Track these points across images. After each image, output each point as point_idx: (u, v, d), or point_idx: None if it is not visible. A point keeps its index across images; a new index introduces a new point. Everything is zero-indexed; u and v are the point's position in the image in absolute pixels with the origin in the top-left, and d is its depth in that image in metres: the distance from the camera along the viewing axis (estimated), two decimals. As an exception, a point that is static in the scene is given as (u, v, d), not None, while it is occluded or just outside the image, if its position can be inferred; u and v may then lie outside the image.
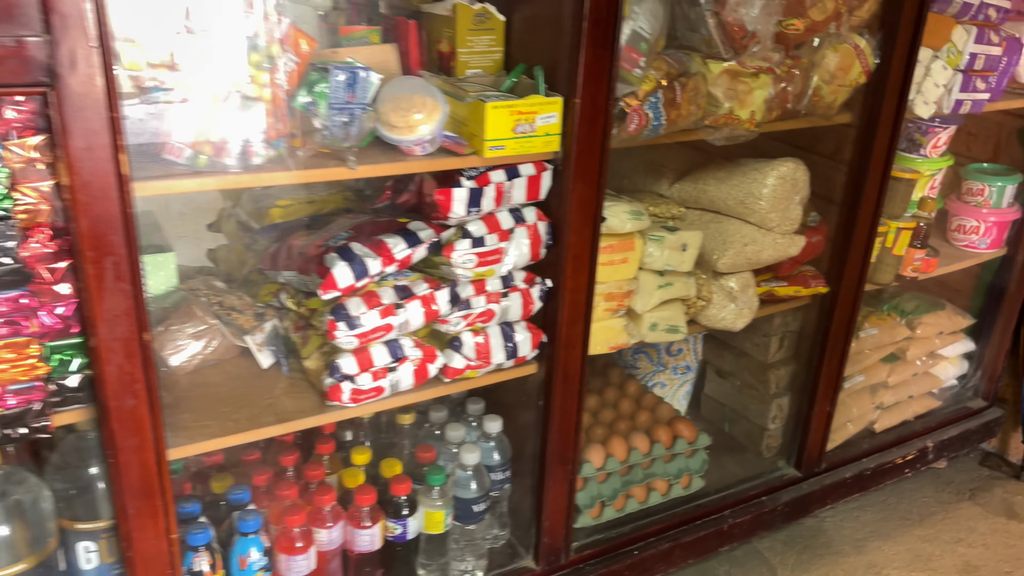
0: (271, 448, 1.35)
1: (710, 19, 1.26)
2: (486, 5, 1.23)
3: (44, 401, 0.95)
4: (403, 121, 1.07)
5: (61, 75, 0.82)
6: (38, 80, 0.81)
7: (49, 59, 0.81)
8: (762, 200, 1.43)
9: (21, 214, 0.89)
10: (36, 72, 0.81)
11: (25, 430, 0.95)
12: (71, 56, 0.81)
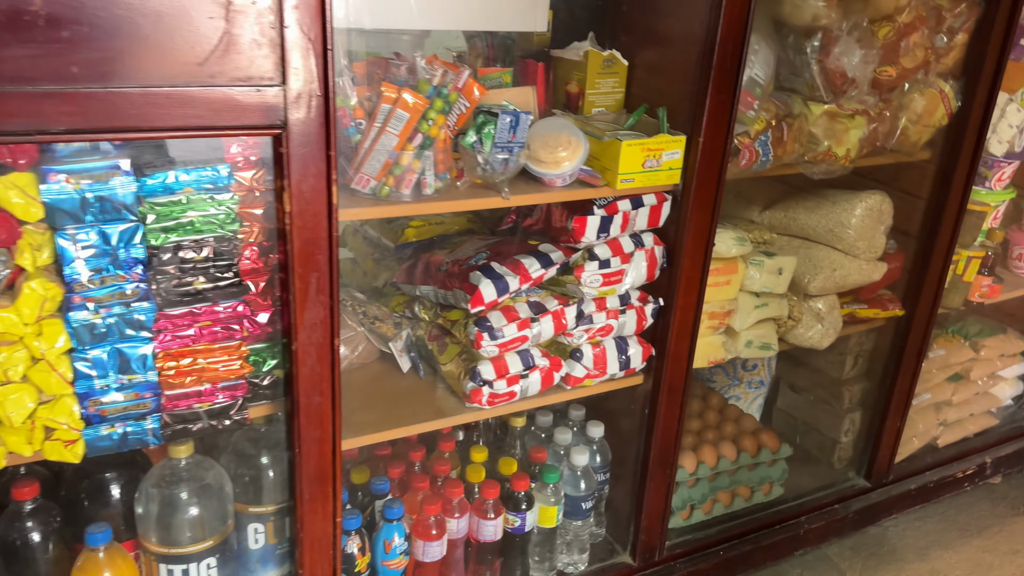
0: (399, 445, 1.48)
1: (815, 66, 1.39)
2: (613, 52, 1.36)
3: (244, 397, 1.09)
4: (551, 157, 1.21)
5: (291, 119, 0.96)
6: (274, 123, 0.95)
7: (283, 106, 0.95)
8: (851, 229, 1.55)
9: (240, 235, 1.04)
10: (273, 116, 0.95)
11: (228, 422, 1.09)
12: (301, 103, 0.95)
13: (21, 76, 0.82)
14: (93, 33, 0.83)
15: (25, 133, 0.84)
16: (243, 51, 0.90)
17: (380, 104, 1.06)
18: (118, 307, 0.96)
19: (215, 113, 0.91)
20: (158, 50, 0.86)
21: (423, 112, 1.08)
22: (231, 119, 0.93)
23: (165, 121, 0.89)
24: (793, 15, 1.35)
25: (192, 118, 0.91)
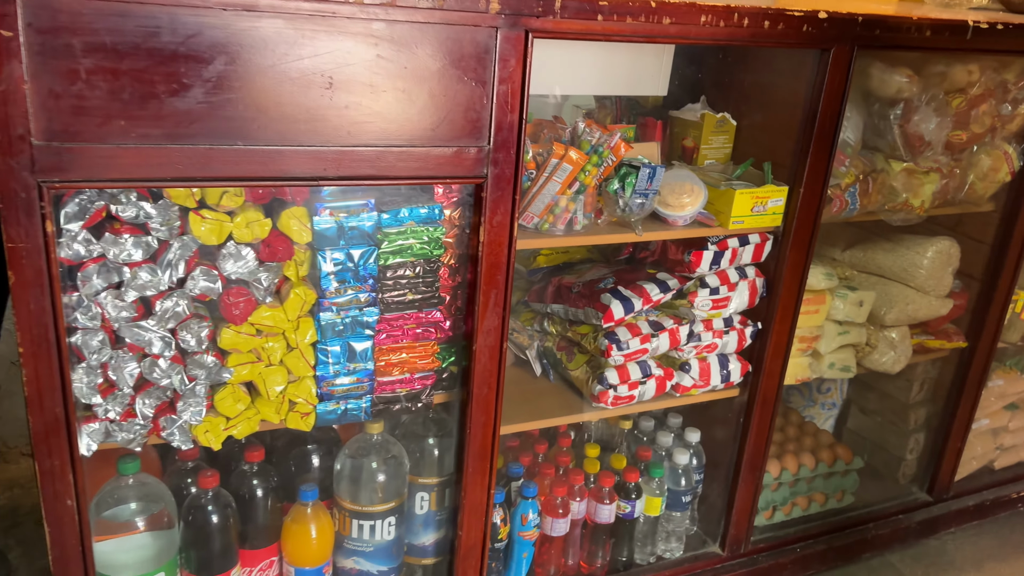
0: (525, 438, 1.74)
1: (896, 130, 1.64)
2: (725, 114, 1.63)
3: (431, 385, 1.37)
4: (677, 202, 1.47)
5: (491, 172, 1.24)
6: (478, 174, 1.23)
7: (486, 161, 1.23)
8: (922, 269, 1.78)
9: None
10: (478, 169, 1.23)
11: (420, 404, 1.36)
12: (499, 159, 1.23)
13: (308, 141, 1.11)
14: (367, 106, 1.12)
15: (306, 179, 1.13)
16: (462, 121, 1.19)
17: (550, 159, 1.34)
18: (354, 311, 1.24)
19: (438, 166, 1.20)
20: (408, 122, 1.15)
21: (583, 166, 1.36)
22: (448, 171, 1.21)
23: (402, 172, 1.18)
24: (880, 88, 1.60)
25: (421, 170, 1.19)
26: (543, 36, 1.19)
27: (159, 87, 1.00)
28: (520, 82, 1.20)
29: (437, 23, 1.12)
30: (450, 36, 1.14)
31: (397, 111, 1.14)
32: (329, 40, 1.07)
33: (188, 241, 1.12)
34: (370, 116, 1.12)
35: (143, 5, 0.97)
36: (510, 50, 1.17)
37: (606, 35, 1.24)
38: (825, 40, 1.40)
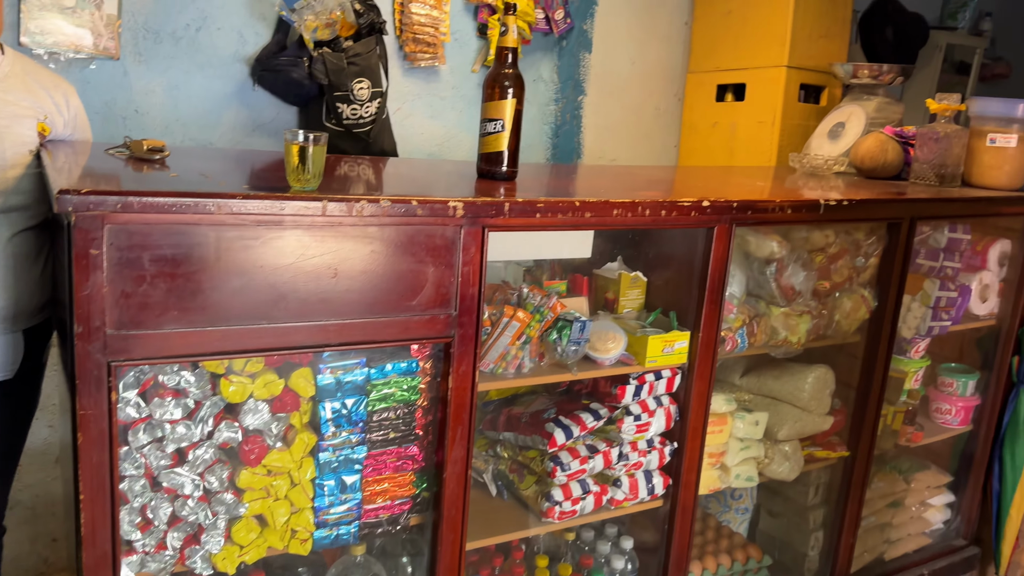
0: (483, 552, 1.99)
1: (773, 283, 2.05)
2: (637, 273, 2.01)
3: (409, 510, 1.63)
4: (603, 347, 1.82)
5: (457, 332, 1.56)
6: (447, 334, 1.55)
7: (454, 323, 1.55)
8: (805, 392, 2.16)
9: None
10: (447, 330, 1.55)
11: (399, 526, 1.62)
12: (464, 322, 1.56)
13: (317, 317, 1.41)
14: (363, 288, 1.44)
15: (314, 347, 1.43)
16: (434, 294, 1.51)
17: (502, 318, 1.68)
18: (346, 450, 1.52)
19: (416, 330, 1.51)
20: (393, 297, 1.47)
21: (528, 323, 1.69)
22: (424, 333, 1.53)
23: (388, 336, 1.49)
24: (757, 251, 2.02)
25: (403, 333, 1.50)
26: (496, 229, 1.54)
27: (204, 284, 1.30)
28: (479, 263, 1.54)
29: (417, 225, 1.46)
30: (426, 234, 1.48)
31: (385, 289, 1.46)
32: (335, 242, 1.39)
33: (217, 400, 1.39)
34: (365, 295, 1.44)
35: (195, 226, 1.28)
36: (471, 241, 1.52)
37: (543, 226, 1.61)
38: (709, 221, 1.80)
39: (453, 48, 2.75)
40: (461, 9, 2.72)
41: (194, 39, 2.33)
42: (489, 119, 1.74)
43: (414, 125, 2.76)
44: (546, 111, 3.04)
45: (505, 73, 1.72)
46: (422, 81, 2.73)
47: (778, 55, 2.87)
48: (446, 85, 2.78)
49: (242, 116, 2.44)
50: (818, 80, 2.96)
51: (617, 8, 3.09)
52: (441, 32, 2.64)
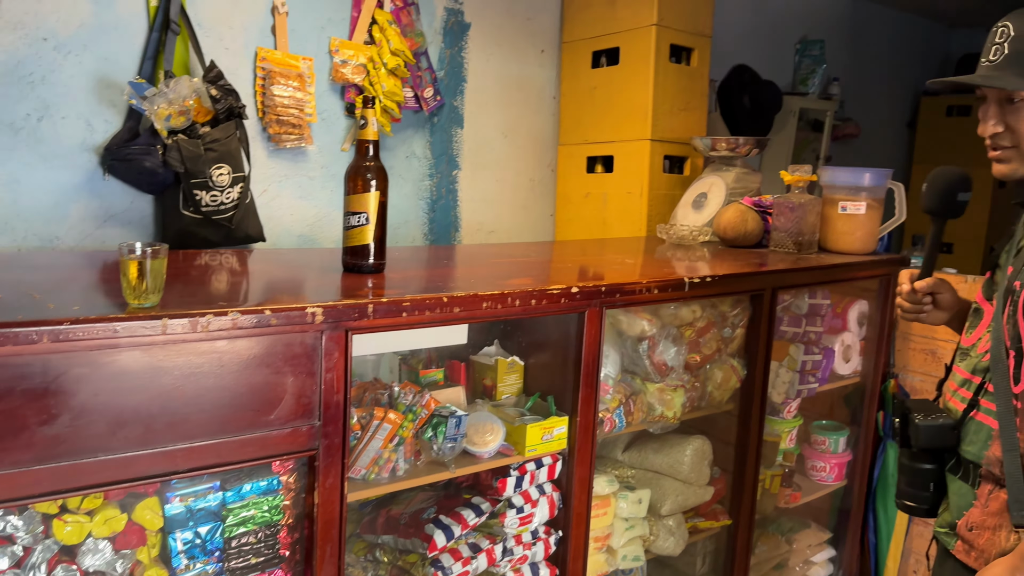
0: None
1: (646, 360, 2.06)
2: (514, 358, 1.98)
3: (277, 638, 1.51)
4: (481, 440, 1.77)
5: (322, 444, 1.47)
6: (313, 447, 1.46)
7: (318, 435, 1.47)
8: (685, 465, 2.18)
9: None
10: (312, 443, 1.46)
11: (266, 658, 1.49)
12: (328, 432, 1.48)
13: (163, 443, 1.30)
14: (215, 406, 1.34)
15: (161, 476, 1.31)
16: (295, 406, 1.43)
17: (373, 420, 1.60)
18: (203, 581, 1.39)
19: (276, 446, 1.42)
20: (249, 412, 1.38)
21: (401, 423, 1.63)
22: (285, 448, 1.43)
23: (244, 455, 1.39)
24: (629, 329, 2.04)
25: (261, 451, 1.41)
26: (360, 332, 1.48)
27: (31, 420, 1.17)
28: (343, 369, 1.47)
29: (273, 335, 1.38)
30: (284, 343, 1.40)
31: (239, 406, 1.37)
32: (181, 359, 1.29)
33: (50, 544, 1.25)
34: (216, 414, 1.34)
35: (18, 358, 1.16)
36: (334, 347, 1.45)
37: (411, 325, 1.56)
38: (579, 306, 1.80)
39: (321, 128, 2.69)
40: (327, 89, 2.68)
41: (35, 129, 2.18)
42: (353, 212, 1.70)
43: (282, 207, 2.67)
44: (421, 187, 3.02)
45: (367, 166, 1.68)
46: (289, 162, 2.66)
47: (641, 129, 2.97)
48: (315, 165, 2.72)
49: (92, 207, 2.29)
50: (681, 151, 3.08)
51: (486, 85, 3.13)
52: (307, 113, 2.59)
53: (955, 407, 1.52)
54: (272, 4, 2.52)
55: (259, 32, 2.52)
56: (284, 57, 2.51)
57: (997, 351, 1.39)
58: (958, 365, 1.55)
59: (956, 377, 1.55)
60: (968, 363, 1.52)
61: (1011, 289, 1.40)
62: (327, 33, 2.65)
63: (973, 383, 1.48)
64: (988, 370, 1.43)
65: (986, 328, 1.48)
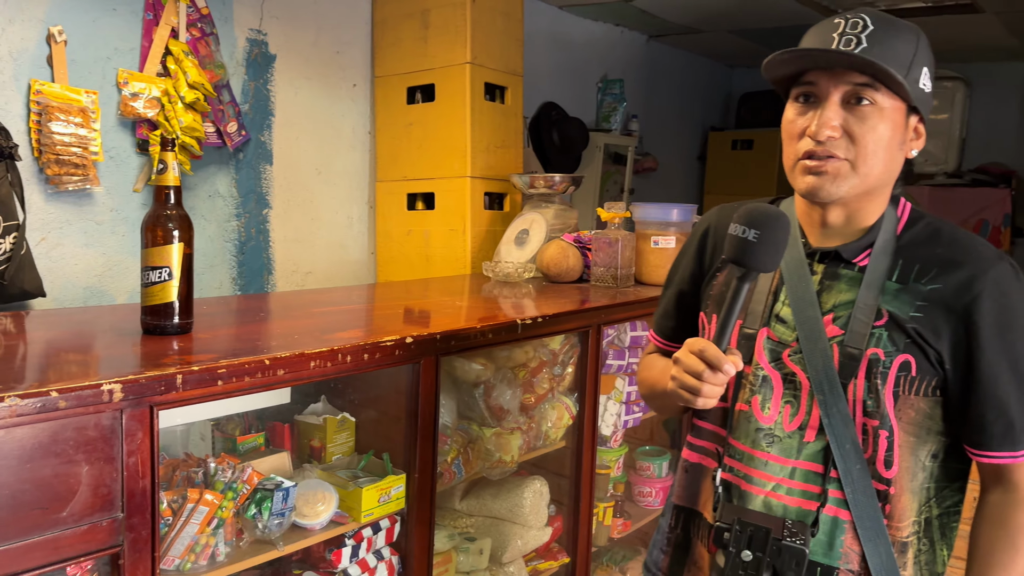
0: None
1: (482, 404, 2.01)
2: (345, 414, 1.86)
3: None
4: (312, 511, 1.63)
5: (127, 535, 1.28)
6: (116, 543, 1.26)
7: (122, 529, 1.27)
8: (524, 508, 2.14)
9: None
10: (114, 538, 1.26)
11: None
12: (134, 522, 1.28)
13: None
14: (-16, 513, 1.11)
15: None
16: (92, 498, 1.23)
17: (186, 504, 1.42)
18: None
19: (70, 547, 1.21)
20: (34, 512, 1.16)
21: (220, 504, 1.45)
22: (82, 549, 1.23)
23: (29, 564, 1.17)
24: (464, 375, 1.98)
25: (52, 555, 1.19)
26: (168, 407, 1.31)
27: None
28: (148, 451, 1.29)
29: (62, 419, 1.18)
30: (75, 427, 1.20)
31: (21, 505, 1.15)
32: (-60, 462, 1.07)
33: None
34: None
35: None
36: (137, 426, 1.27)
37: (227, 394, 1.40)
38: (414, 356, 1.71)
39: (109, 167, 2.42)
40: (115, 124, 2.42)
41: None
42: (153, 267, 1.51)
43: (65, 256, 2.37)
44: (227, 228, 2.80)
45: (168, 215, 1.51)
46: (72, 206, 2.36)
47: (461, 166, 2.95)
48: (103, 208, 2.43)
49: None
50: (500, 188, 3.09)
51: (295, 119, 2.98)
52: (92, 151, 2.31)
53: (785, 503, 1.16)
54: (48, 32, 2.24)
55: (32, 63, 2.22)
56: (63, 90, 2.23)
57: (842, 432, 1.12)
58: (767, 451, 1.17)
59: (768, 466, 1.17)
60: (783, 448, 1.16)
61: (856, 358, 1.12)
62: (114, 64, 2.39)
63: (807, 472, 1.15)
64: (827, 455, 1.13)
65: (783, 400, 1.17)
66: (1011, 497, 1.14)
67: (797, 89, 1.14)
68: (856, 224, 1.18)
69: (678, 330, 1.39)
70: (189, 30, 2.55)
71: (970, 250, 1.14)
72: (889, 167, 1.14)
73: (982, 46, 4.90)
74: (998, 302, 1.10)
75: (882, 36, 1.08)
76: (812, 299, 1.17)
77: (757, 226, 1.06)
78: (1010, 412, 1.11)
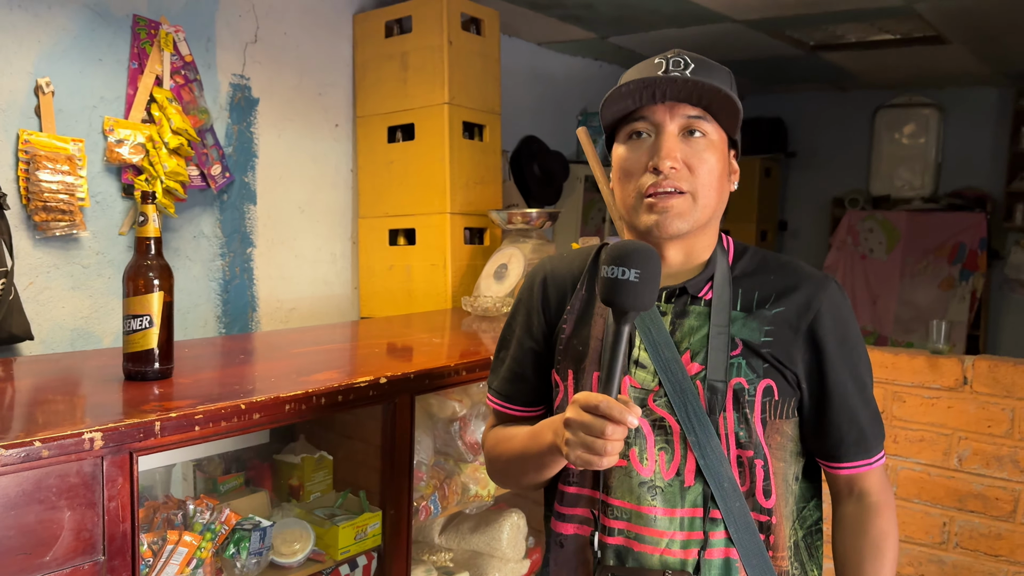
0: None
1: (459, 441, 2.07)
2: (322, 453, 1.91)
3: None
4: (289, 550, 1.68)
5: (107, 579, 1.33)
6: (95, 586, 1.31)
7: (102, 570, 1.32)
8: (503, 542, 2.19)
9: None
10: (94, 581, 1.31)
11: None
12: (115, 565, 1.33)
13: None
14: (-32, 561, 1.16)
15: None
16: (74, 542, 1.28)
17: (166, 546, 1.47)
18: None
19: (52, 591, 1.26)
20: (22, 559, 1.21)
21: (198, 545, 1.50)
22: (63, 592, 1.28)
23: (12, 607, 1.22)
24: (440, 412, 2.04)
25: (34, 599, 1.24)
26: (148, 452, 1.36)
27: None
28: (129, 495, 1.34)
29: (44, 467, 1.23)
30: (58, 474, 1.25)
31: (8, 548, 1.20)
32: (-74, 513, 1.12)
33: None
34: (-26, 570, 1.17)
35: None
36: (117, 472, 1.32)
37: (205, 438, 1.45)
38: (389, 395, 1.77)
39: (95, 212, 2.49)
40: (101, 170, 2.49)
41: None
42: (134, 315, 1.57)
43: (53, 299, 2.42)
44: (212, 267, 2.87)
45: (148, 265, 1.57)
46: (59, 251, 2.42)
47: (440, 202, 3.03)
48: (89, 252, 2.50)
49: None
50: (480, 223, 3.16)
51: (279, 160, 3.06)
52: (79, 197, 2.38)
53: (682, 557, 1.11)
54: (36, 84, 2.31)
55: (20, 113, 2.30)
56: (51, 140, 2.31)
57: (718, 471, 1.10)
58: (652, 504, 1.12)
59: (658, 521, 1.11)
60: (666, 498, 1.12)
61: (721, 391, 1.11)
62: (100, 112, 2.47)
63: (694, 519, 1.11)
64: (706, 496, 1.11)
65: (656, 448, 1.12)
66: (865, 504, 1.20)
67: (629, 126, 1.14)
68: (694, 260, 1.18)
69: (531, 394, 1.29)
70: (173, 77, 2.63)
71: (800, 273, 1.18)
72: (721, 199, 1.16)
73: (954, 73, 5.04)
74: (834, 317, 1.15)
75: (704, 71, 1.11)
76: (667, 339, 1.14)
77: (635, 265, 1.02)
78: (860, 420, 1.16)
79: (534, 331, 1.28)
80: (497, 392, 1.33)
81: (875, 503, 1.19)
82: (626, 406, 0.98)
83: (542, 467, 1.17)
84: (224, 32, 2.83)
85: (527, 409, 1.30)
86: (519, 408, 1.31)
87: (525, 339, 1.29)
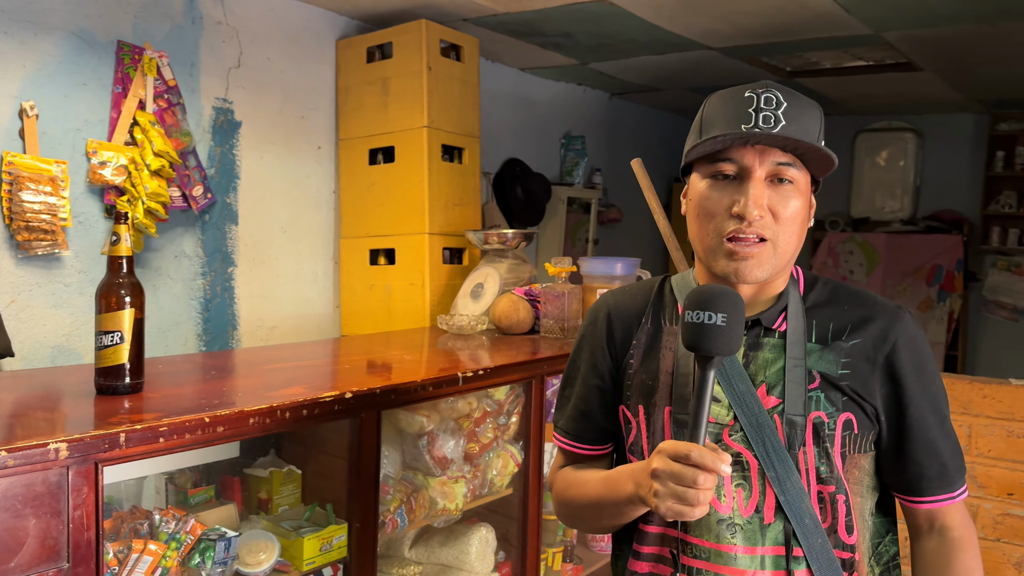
0: None
1: (427, 455, 2.12)
2: (291, 467, 1.96)
3: None
4: (254, 560, 1.72)
5: (71, 585, 1.37)
6: (59, 592, 1.36)
7: (66, 577, 1.37)
8: (471, 556, 2.23)
9: None
10: (58, 587, 1.36)
11: None
12: (79, 572, 1.38)
13: None
14: (-67, 565, 1.21)
15: None
16: (39, 549, 1.33)
17: (131, 554, 1.52)
18: None
19: (16, 597, 1.31)
20: (-19, 566, 1.26)
21: (163, 553, 1.55)
22: (27, 598, 1.32)
23: (-23, 611, 1.27)
24: (408, 426, 2.09)
25: (-2, 604, 1.29)
26: (112, 463, 1.41)
27: None
28: (94, 504, 1.39)
29: (11, 476, 1.28)
30: (23, 483, 1.30)
31: (-31, 561, 1.25)
32: None
33: None
34: (-61, 574, 1.22)
35: None
36: (82, 482, 1.37)
37: (169, 450, 1.50)
38: (355, 411, 1.82)
39: (77, 231, 2.55)
40: (84, 191, 2.55)
41: None
42: (105, 331, 1.63)
43: (34, 317, 2.48)
44: (193, 286, 2.92)
45: (120, 283, 1.63)
46: (41, 270, 2.48)
47: (419, 223, 3.09)
48: (71, 271, 2.55)
49: None
50: (458, 243, 3.23)
51: (261, 181, 3.13)
52: (61, 217, 2.44)
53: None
54: (20, 107, 2.38)
55: (5, 136, 2.37)
56: (34, 161, 2.37)
57: (799, 507, 1.08)
58: (732, 543, 1.09)
59: (738, 560, 1.09)
60: (746, 536, 1.09)
61: (800, 425, 1.09)
62: (83, 135, 2.54)
63: (776, 558, 1.09)
64: (787, 534, 1.08)
65: (733, 484, 1.10)
66: (948, 539, 1.16)
67: (714, 166, 1.10)
68: (767, 293, 1.16)
69: (599, 432, 1.27)
70: (156, 101, 2.70)
71: (874, 304, 1.16)
72: (800, 240, 1.14)
73: (930, 100, 5.14)
74: (911, 348, 1.13)
75: (796, 114, 1.07)
76: (741, 373, 1.11)
77: (721, 309, 1.00)
78: (941, 453, 1.13)
79: (599, 367, 1.25)
80: (564, 431, 1.31)
81: (958, 538, 1.15)
82: (715, 453, 0.96)
83: (619, 515, 1.14)
84: (208, 57, 2.91)
85: (596, 448, 1.28)
86: (588, 447, 1.29)
87: (590, 376, 1.26)
